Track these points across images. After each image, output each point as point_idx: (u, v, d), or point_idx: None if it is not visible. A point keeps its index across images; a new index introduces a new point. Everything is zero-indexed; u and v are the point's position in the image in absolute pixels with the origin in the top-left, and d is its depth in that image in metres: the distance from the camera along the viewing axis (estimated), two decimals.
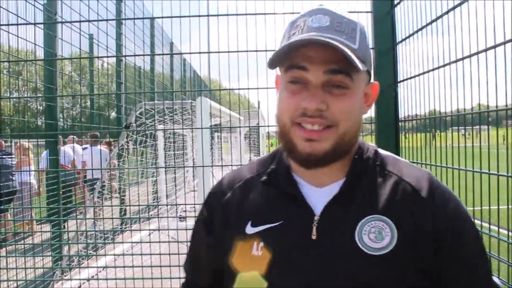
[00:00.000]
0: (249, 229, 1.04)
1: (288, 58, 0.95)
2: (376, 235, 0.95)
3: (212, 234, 1.12)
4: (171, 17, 2.84)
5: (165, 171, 6.54)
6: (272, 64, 0.98)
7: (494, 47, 1.63)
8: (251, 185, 1.12)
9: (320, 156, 0.95)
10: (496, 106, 1.73)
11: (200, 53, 2.91)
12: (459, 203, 1.02)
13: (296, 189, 1.03)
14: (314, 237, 0.97)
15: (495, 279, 1.04)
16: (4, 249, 3.81)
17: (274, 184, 1.07)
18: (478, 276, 1.00)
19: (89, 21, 3.58)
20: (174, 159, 6.92)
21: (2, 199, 4.97)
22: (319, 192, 1.02)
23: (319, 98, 0.92)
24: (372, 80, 1.07)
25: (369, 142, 1.13)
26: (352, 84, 0.94)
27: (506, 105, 1.65)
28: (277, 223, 1.01)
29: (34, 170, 6.16)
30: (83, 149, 8.32)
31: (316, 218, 0.98)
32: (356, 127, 0.99)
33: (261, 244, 1.01)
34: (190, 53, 2.89)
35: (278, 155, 1.12)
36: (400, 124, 2.55)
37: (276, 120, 1.03)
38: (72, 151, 7.31)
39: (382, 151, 1.10)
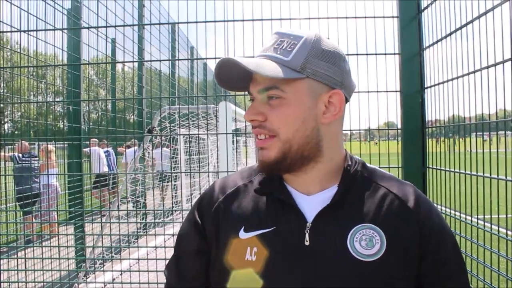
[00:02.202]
0: (242, 234, 1.07)
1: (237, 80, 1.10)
2: (367, 242, 1.01)
3: (205, 239, 1.15)
4: (188, 22, 2.86)
5: (190, 175, 6.57)
6: (226, 87, 1.13)
7: None
8: (243, 191, 1.16)
9: (270, 163, 1.04)
10: None
11: (216, 58, 2.91)
12: (439, 213, 1.12)
13: (289, 197, 1.09)
14: (307, 243, 1.02)
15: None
16: (28, 250, 3.87)
17: (266, 191, 1.12)
18: (458, 278, 1.09)
19: (114, 26, 3.62)
20: (199, 163, 6.94)
21: (27, 201, 5.06)
22: (309, 200, 1.08)
23: (255, 110, 1.04)
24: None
25: (395, 147, 1.22)
26: (285, 94, 1.02)
27: None
28: (270, 229, 1.06)
29: (60, 173, 6.25)
30: (105, 152, 8.43)
31: (308, 225, 1.04)
32: (304, 135, 1.03)
33: (255, 249, 1.04)
34: (210, 58, 2.90)
35: None
36: (427, 130, 2.52)
37: None
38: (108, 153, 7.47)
39: (368, 165, 1.17)
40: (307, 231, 1.03)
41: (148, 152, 5.53)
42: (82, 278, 4.04)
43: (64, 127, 4.52)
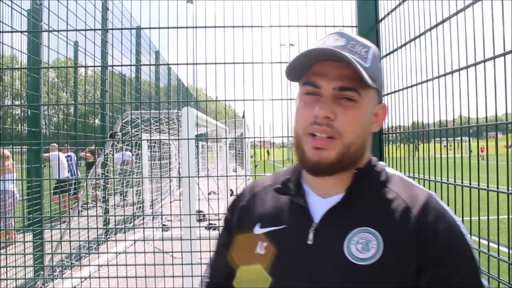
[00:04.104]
0: (257, 230, 1.14)
1: (304, 74, 1.06)
2: (363, 246, 1.00)
3: (230, 234, 1.22)
4: (152, 27, 2.86)
5: (150, 180, 6.51)
6: (289, 76, 1.10)
7: (474, 64, 1.69)
8: (268, 191, 1.22)
9: (327, 164, 1.02)
10: (477, 119, 1.79)
11: (186, 64, 2.93)
12: (453, 224, 1.02)
13: (302, 197, 1.11)
14: (310, 242, 1.04)
15: None
16: None
17: (284, 192, 1.16)
18: None
19: (76, 30, 3.57)
20: (160, 168, 6.88)
21: None
22: (323, 202, 1.09)
23: (329, 107, 1.01)
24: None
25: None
26: (360, 98, 1.03)
27: (486, 119, 1.70)
28: (281, 227, 1.11)
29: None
30: (66, 157, 8.22)
31: (314, 225, 1.06)
32: (361, 141, 1.06)
33: (265, 243, 1.10)
34: (172, 63, 2.91)
35: (298, 166, 1.20)
36: (384, 136, 2.60)
37: (292, 131, 1.12)
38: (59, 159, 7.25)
39: (389, 169, 1.16)
40: (311, 231, 1.05)
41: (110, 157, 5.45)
42: (40, 287, 3.93)
43: (23, 131, 4.40)
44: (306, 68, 1.06)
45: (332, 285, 1.00)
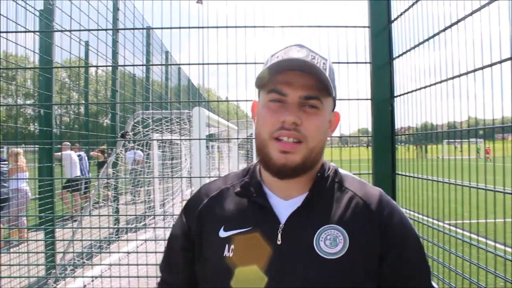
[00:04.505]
0: (222, 233, 1.17)
1: (271, 82, 1.12)
2: (331, 241, 1.10)
3: (189, 238, 1.25)
4: (162, 28, 2.86)
5: (163, 180, 6.53)
6: (258, 85, 1.17)
7: (484, 67, 1.67)
8: (225, 195, 1.26)
9: (292, 167, 1.10)
10: (484, 122, 1.77)
11: (192, 64, 2.93)
12: (403, 216, 1.18)
13: (265, 200, 1.18)
14: (279, 242, 1.11)
15: (433, 284, 1.20)
16: None
17: (246, 195, 1.21)
18: (421, 278, 1.15)
19: (87, 30, 3.59)
20: (172, 168, 6.90)
21: None
22: (285, 204, 1.17)
23: (296, 114, 1.09)
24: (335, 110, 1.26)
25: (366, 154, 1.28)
26: (322, 106, 1.13)
27: (493, 122, 1.69)
28: (247, 229, 1.15)
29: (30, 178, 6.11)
30: (78, 156, 8.28)
31: (281, 225, 1.13)
32: (321, 145, 1.15)
33: (232, 246, 1.14)
34: (184, 63, 2.91)
35: (251, 169, 1.29)
36: (396, 137, 2.58)
37: (255, 137, 1.19)
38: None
39: (341, 170, 1.27)
40: (279, 232, 1.12)
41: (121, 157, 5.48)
42: (52, 285, 3.96)
43: (35, 130, 4.43)
44: (272, 76, 1.12)
45: (306, 282, 1.07)
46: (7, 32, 3.12)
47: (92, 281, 3.53)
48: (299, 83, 1.10)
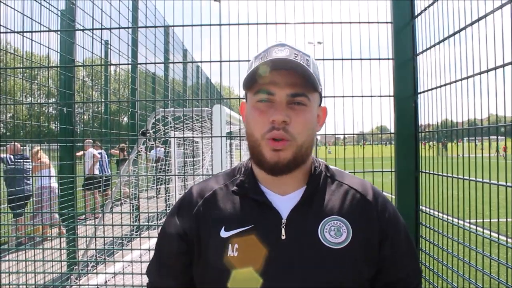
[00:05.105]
0: (223, 233, 1.18)
1: (257, 83, 1.15)
2: (335, 232, 1.16)
3: (185, 242, 1.24)
4: (184, 25, 2.87)
5: (184, 178, 6.57)
6: (245, 87, 1.20)
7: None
8: (220, 194, 1.27)
9: (285, 163, 1.14)
10: (505, 119, 1.74)
11: (212, 61, 2.94)
12: (393, 205, 1.29)
13: (264, 197, 1.21)
14: (283, 237, 1.14)
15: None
16: (20, 252, 3.84)
17: (243, 193, 1.24)
18: (410, 260, 1.27)
19: (108, 28, 3.62)
20: (193, 165, 6.93)
21: (19, 203, 5.02)
22: (283, 199, 1.21)
23: (284, 112, 1.13)
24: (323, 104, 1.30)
25: (388, 151, 1.33)
26: (309, 102, 1.16)
27: None
28: (248, 227, 1.17)
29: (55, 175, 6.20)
30: (98, 154, 8.38)
31: (283, 221, 1.16)
32: (310, 140, 1.19)
33: (236, 245, 1.15)
34: (205, 61, 2.92)
35: (242, 168, 1.32)
36: (420, 134, 2.54)
37: (246, 137, 1.22)
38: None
39: (330, 166, 1.32)
40: (283, 227, 1.15)
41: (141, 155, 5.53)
42: (74, 281, 4.01)
43: (56, 128, 4.49)
44: (258, 78, 1.15)
45: (315, 273, 1.11)
46: (31, 31, 3.17)
47: (114, 277, 3.57)
48: (285, 82, 1.13)
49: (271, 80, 1.13)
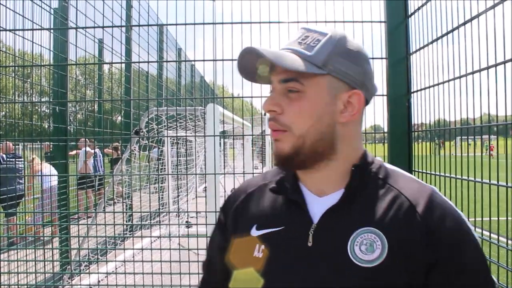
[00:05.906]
0: (254, 232, 1.09)
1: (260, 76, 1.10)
2: (367, 247, 0.96)
3: (225, 237, 1.17)
4: (177, 24, 2.86)
5: (177, 177, 6.55)
6: (247, 78, 1.13)
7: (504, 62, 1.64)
8: (262, 191, 1.17)
9: (283, 156, 1.03)
10: (497, 118, 1.74)
11: (206, 60, 2.93)
12: (458, 219, 1.00)
13: (300, 197, 1.08)
14: (310, 243, 1.00)
15: None
16: (12, 252, 3.82)
17: (281, 191, 1.12)
18: None
19: (101, 27, 3.61)
20: (186, 165, 6.92)
21: (11, 202, 4.99)
22: (320, 201, 1.06)
23: (273, 101, 1.03)
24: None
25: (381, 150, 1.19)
26: (304, 88, 1.01)
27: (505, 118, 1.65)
28: (279, 228, 1.06)
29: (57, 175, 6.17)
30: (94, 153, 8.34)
31: (313, 226, 1.02)
32: (319, 131, 1.02)
33: (262, 246, 1.05)
34: (198, 60, 2.91)
35: None
36: (413, 134, 2.55)
37: None
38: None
39: (388, 166, 1.12)
40: (311, 232, 1.01)
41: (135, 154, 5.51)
42: (67, 281, 3.99)
43: (50, 127, 4.47)
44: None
45: None
46: (23, 30, 3.15)
47: (106, 277, 3.56)
48: (280, 68, 1.02)
49: (261, 71, 1.07)
